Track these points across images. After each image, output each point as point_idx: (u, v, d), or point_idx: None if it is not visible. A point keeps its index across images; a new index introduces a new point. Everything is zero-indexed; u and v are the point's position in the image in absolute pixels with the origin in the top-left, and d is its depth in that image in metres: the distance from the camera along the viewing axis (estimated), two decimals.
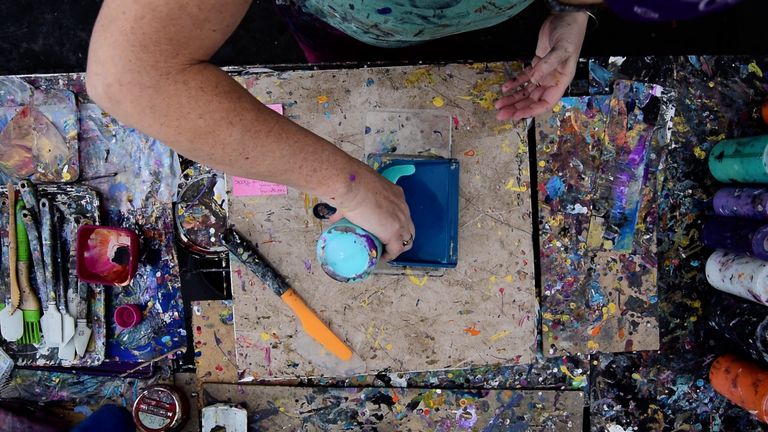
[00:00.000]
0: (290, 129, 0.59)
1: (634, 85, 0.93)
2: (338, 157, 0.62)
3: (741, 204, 0.86)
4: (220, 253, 0.93)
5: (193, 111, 0.52)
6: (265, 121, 0.56)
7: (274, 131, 0.57)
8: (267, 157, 0.57)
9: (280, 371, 0.91)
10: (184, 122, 0.52)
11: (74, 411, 0.93)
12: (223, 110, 0.53)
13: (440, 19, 0.65)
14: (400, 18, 0.66)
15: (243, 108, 0.54)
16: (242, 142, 0.55)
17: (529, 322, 0.92)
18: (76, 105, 0.91)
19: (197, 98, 0.52)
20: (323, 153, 0.61)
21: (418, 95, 0.91)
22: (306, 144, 0.59)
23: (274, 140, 0.57)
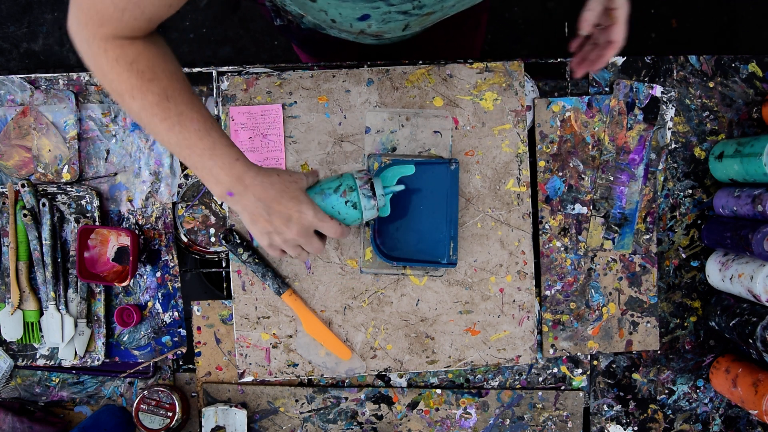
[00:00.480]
0: (189, 127, 0.63)
1: (634, 85, 0.93)
2: (222, 172, 0.65)
3: (741, 204, 0.86)
4: (220, 253, 0.93)
5: (107, 75, 0.62)
6: (165, 108, 0.62)
7: (169, 121, 0.63)
8: (157, 137, 0.65)
9: (280, 371, 0.91)
10: (103, 78, 0.62)
11: (74, 411, 0.93)
12: (129, 85, 0.61)
13: (421, 9, 0.65)
14: (381, 19, 0.67)
15: (148, 90, 0.61)
16: (139, 116, 0.63)
17: (529, 322, 0.92)
18: (76, 105, 0.91)
19: (112, 67, 0.61)
20: (209, 161, 0.65)
21: (418, 95, 0.91)
22: (196, 146, 0.64)
23: (166, 128, 0.63)
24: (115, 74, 0.61)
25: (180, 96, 0.63)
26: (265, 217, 0.68)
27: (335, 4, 0.64)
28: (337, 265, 0.91)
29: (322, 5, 0.66)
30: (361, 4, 0.63)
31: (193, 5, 1.84)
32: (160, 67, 0.62)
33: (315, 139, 0.90)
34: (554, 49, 1.80)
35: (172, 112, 0.63)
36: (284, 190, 0.68)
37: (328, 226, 0.70)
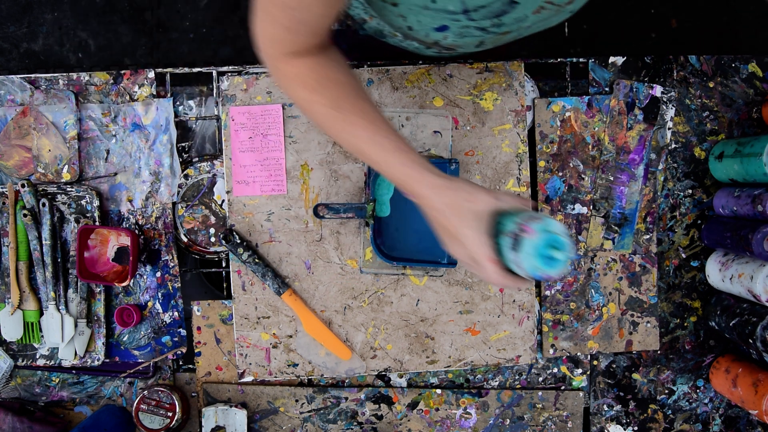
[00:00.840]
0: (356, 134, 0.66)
1: (634, 85, 0.93)
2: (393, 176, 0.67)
3: (741, 204, 0.86)
4: (220, 253, 0.93)
5: (287, 90, 0.68)
6: (333, 118, 0.66)
7: (336, 128, 0.67)
8: (336, 139, 0.69)
9: (280, 371, 0.91)
10: (282, 91, 0.72)
11: (74, 411, 0.93)
12: (300, 98, 0.67)
13: (499, 27, 0.66)
14: (458, 33, 0.67)
15: (317, 102, 0.66)
16: (314, 122, 0.71)
17: (529, 322, 0.92)
18: (76, 105, 0.91)
19: (284, 82, 0.67)
20: (378, 167, 0.67)
21: (418, 95, 0.91)
22: (364, 152, 0.67)
23: (335, 135, 0.68)
24: (288, 89, 0.68)
25: (349, 105, 0.66)
26: (434, 226, 0.67)
27: (416, 11, 0.65)
28: (337, 265, 0.91)
29: (402, 10, 0.66)
30: (442, 15, 0.64)
31: (193, 5, 1.84)
32: (329, 78, 0.66)
33: (315, 139, 0.90)
34: (554, 49, 1.80)
35: (339, 120, 0.66)
36: (451, 207, 0.63)
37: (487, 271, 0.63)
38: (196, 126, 0.94)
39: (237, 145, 0.89)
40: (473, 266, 0.65)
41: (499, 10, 0.62)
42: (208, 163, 0.92)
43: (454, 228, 0.63)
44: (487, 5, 0.61)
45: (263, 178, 0.90)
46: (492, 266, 0.62)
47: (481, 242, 0.62)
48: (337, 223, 0.90)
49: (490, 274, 0.62)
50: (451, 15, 0.63)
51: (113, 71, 0.92)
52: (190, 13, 1.85)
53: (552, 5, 0.64)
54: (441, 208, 0.63)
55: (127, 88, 0.92)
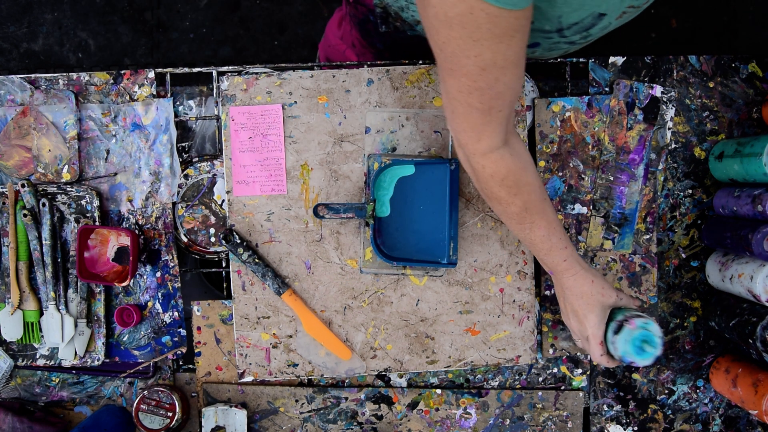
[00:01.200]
0: (535, 233, 0.75)
1: (634, 85, 0.93)
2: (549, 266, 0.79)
3: (741, 204, 0.86)
4: (220, 253, 0.93)
5: (485, 188, 0.73)
6: (522, 218, 0.74)
7: (522, 226, 0.75)
8: (518, 235, 0.77)
9: (280, 371, 0.91)
10: (481, 188, 0.74)
11: (74, 411, 0.93)
12: (499, 197, 0.72)
13: (586, 39, 0.69)
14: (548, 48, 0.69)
15: (512, 202, 0.72)
16: (501, 216, 0.77)
17: (529, 322, 0.92)
18: (76, 105, 0.91)
19: (487, 181, 0.71)
20: (544, 257, 0.78)
21: (418, 95, 0.91)
22: (537, 246, 0.76)
23: (518, 230, 0.76)
24: (489, 187, 0.72)
25: (535, 207, 0.73)
26: (562, 306, 0.82)
27: None
28: (337, 265, 0.91)
29: None
30: (536, 34, 0.66)
31: (193, 5, 1.84)
32: (524, 181, 0.71)
33: (315, 139, 0.90)
34: None
35: (526, 221, 0.74)
36: (586, 296, 0.77)
37: (593, 349, 0.78)
38: (196, 126, 0.94)
39: (237, 145, 0.89)
40: (582, 340, 0.80)
41: (589, 24, 0.65)
42: (208, 163, 0.92)
43: (582, 311, 0.77)
44: (579, 21, 0.64)
45: (263, 178, 0.90)
46: (599, 348, 0.77)
47: (598, 327, 0.77)
48: (337, 223, 0.90)
49: (595, 352, 0.78)
50: (545, 33, 0.66)
51: (113, 71, 0.92)
52: (190, 13, 1.85)
53: (633, 8, 0.66)
54: (577, 294, 0.77)
55: (127, 88, 0.92)
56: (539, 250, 0.77)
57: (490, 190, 0.72)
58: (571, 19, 0.63)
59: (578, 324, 0.79)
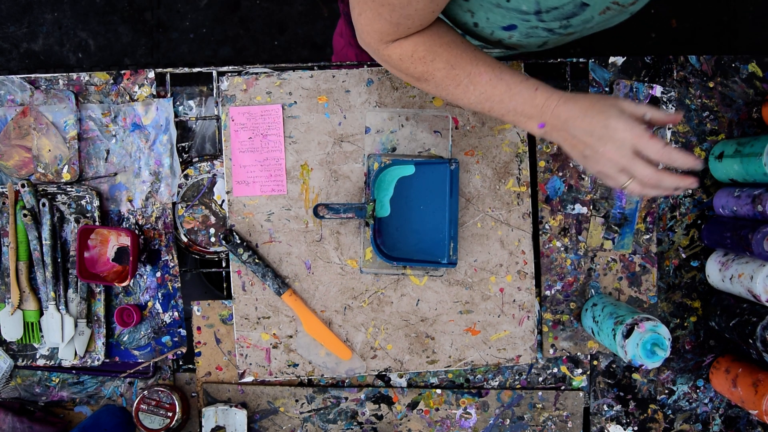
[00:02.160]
0: (479, 81, 0.67)
1: (634, 85, 0.93)
2: (526, 106, 0.67)
3: (741, 204, 0.86)
4: (220, 253, 0.93)
5: (401, 71, 0.70)
6: (454, 77, 0.67)
7: (462, 85, 0.68)
8: (460, 101, 0.70)
9: (281, 371, 0.91)
10: (400, 74, 0.70)
11: (74, 411, 0.93)
12: (418, 72, 0.68)
13: (566, 29, 0.67)
14: (525, 33, 0.68)
15: (435, 69, 0.67)
16: (437, 90, 0.70)
17: (529, 322, 0.92)
18: (76, 105, 0.91)
19: (399, 65, 0.69)
20: (510, 104, 0.67)
21: (418, 95, 0.91)
22: (493, 95, 0.67)
23: (462, 92, 0.68)
24: (404, 68, 0.69)
25: (463, 59, 0.67)
26: (572, 138, 0.65)
27: (487, 8, 0.66)
28: (337, 265, 0.91)
29: (472, 6, 0.68)
30: (513, 14, 0.65)
31: (193, 5, 1.84)
32: (437, 44, 0.67)
33: (315, 139, 0.90)
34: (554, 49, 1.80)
35: (461, 77, 0.67)
36: (590, 106, 0.63)
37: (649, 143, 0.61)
38: (196, 126, 0.94)
39: (237, 145, 0.89)
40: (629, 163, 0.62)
41: (570, 12, 0.63)
42: (208, 163, 0.92)
43: (600, 126, 0.62)
44: (559, 6, 0.62)
45: (263, 179, 0.90)
46: (655, 140, 0.61)
47: (631, 124, 0.61)
48: (337, 223, 0.90)
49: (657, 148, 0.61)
50: (522, 15, 0.65)
51: (113, 71, 0.92)
52: (190, 13, 1.85)
53: (617, 5, 0.65)
54: (580, 114, 0.63)
55: (127, 88, 0.92)
56: (500, 99, 0.67)
57: (408, 70, 0.69)
58: (550, 2, 0.62)
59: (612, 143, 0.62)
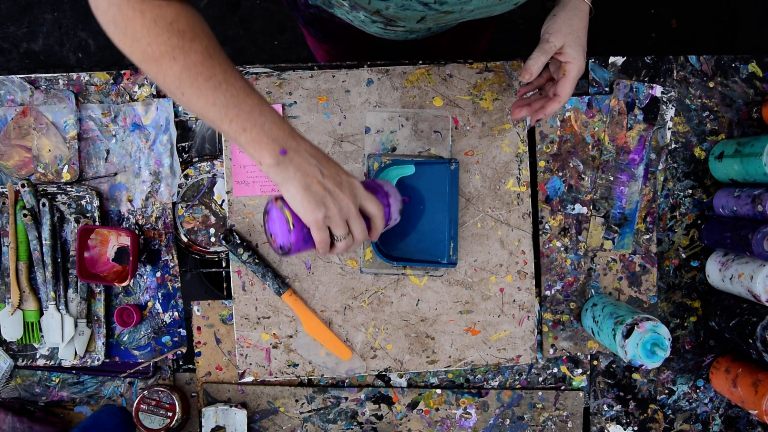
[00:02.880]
0: (235, 84, 0.60)
1: (634, 85, 0.93)
2: (275, 127, 0.62)
3: (741, 204, 0.86)
4: (220, 253, 0.93)
5: (143, 38, 0.58)
6: (210, 67, 0.59)
7: (215, 79, 0.59)
8: (200, 100, 0.60)
9: (281, 371, 0.91)
10: (135, 44, 0.58)
11: (74, 411, 0.93)
12: (170, 45, 0.58)
13: (441, 5, 0.64)
14: (400, 5, 0.65)
15: (191, 49, 0.59)
16: (180, 78, 0.59)
17: (529, 322, 0.92)
18: (76, 105, 0.91)
19: (149, 28, 0.57)
20: (260, 117, 0.61)
21: (417, 95, 0.91)
22: (245, 103, 0.61)
23: (212, 87, 0.59)
24: (153, 36, 0.58)
25: (221, 55, 0.61)
26: (319, 177, 0.63)
27: None
28: (337, 265, 0.91)
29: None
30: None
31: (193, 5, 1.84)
32: (199, 26, 0.60)
33: (315, 139, 0.90)
34: None
35: (217, 69, 0.60)
36: (328, 156, 0.65)
37: (372, 205, 0.66)
38: (196, 126, 0.94)
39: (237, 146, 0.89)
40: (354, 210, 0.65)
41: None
42: (208, 163, 0.92)
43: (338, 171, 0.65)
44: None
45: (263, 179, 0.90)
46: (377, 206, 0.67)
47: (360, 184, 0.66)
48: None
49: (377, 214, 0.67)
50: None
51: (113, 71, 0.92)
52: None
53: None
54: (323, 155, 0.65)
55: (127, 88, 0.92)
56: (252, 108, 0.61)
57: (157, 40, 0.58)
58: None
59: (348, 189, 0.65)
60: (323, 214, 0.64)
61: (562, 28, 0.73)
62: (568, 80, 0.74)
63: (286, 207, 0.66)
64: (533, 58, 0.72)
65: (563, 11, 0.74)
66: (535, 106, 0.79)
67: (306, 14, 0.90)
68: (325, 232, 0.66)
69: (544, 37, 0.73)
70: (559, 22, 0.74)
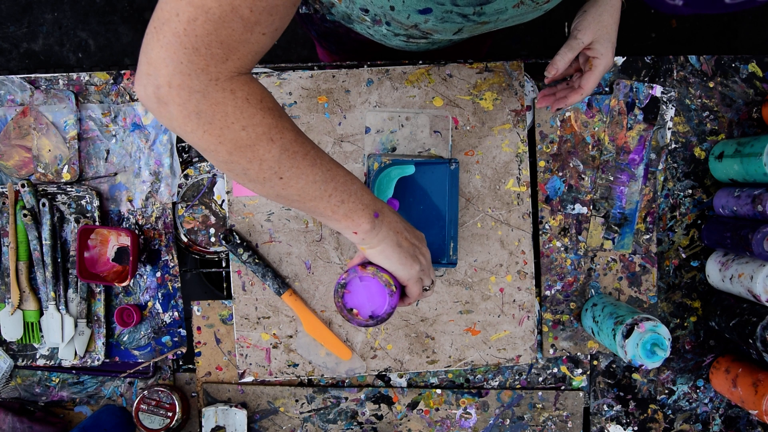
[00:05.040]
0: (324, 156, 0.59)
1: (634, 85, 0.93)
2: (365, 192, 0.62)
3: (741, 204, 0.86)
4: (220, 253, 0.93)
5: (237, 121, 0.52)
6: (303, 143, 0.56)
7: (311, 155, 0.57)
8: (300, 180, 0.57)
9: (281, 371, 0.91)
10: (226, 132, 0.52)
11: (74, 411, 0.93)
12: (266, 125, 0.53)
13: (479, 16, 0.65)
14: (440, 17, 0.66)
15: (284, 127, 0.55)
16: (279, 160, 0.55)
17: (529, 322, 0.92)
18: (76, 105, 0.91)
19: (242, 109, 0.52)
20: (352, 186, 0.61)
21: (418, 95, 0.91)
22: (338, 174, 0.60)
23: (310, 164, 0.57)
24: (247, 116, 0.52)
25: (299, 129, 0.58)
26: (405, 233, 0.66)
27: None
28: (337, 265, 0.91)
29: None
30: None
31: None
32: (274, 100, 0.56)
33: (315, 139, 0.90)
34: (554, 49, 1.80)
35: (308, 145, 0.57)
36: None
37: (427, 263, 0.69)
38: None
39: None
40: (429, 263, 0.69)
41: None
42: (208, 163, 0.92)
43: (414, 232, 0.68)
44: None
45: None
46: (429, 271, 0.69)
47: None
48: None
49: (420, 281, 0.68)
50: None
51: (113, 71, 0.92)
52: None
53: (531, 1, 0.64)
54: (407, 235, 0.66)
55: (127, 88, 0.92)
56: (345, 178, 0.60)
57: (252, 121, 0.52)
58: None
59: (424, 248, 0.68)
60: (419, 267, 0.65)
61: (591, 24, 0.75)
62: (593, 74, 0.76)
63: (382, 270, 0.66)
64: (560, 54, 0.75)
65: (593, 7, 0.76)
66: (559, 95, 0.82)
67: (321, 28, 0.90)
68: (420, 285, 0.67)
69: (573, 33, 0.75)
70: (588, 18, 0.75)
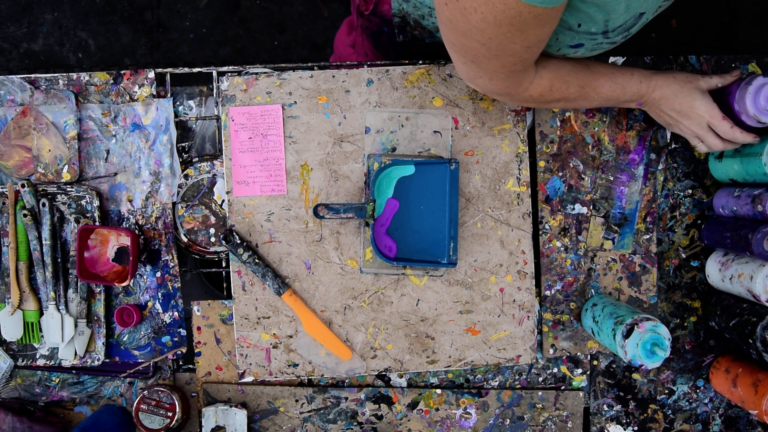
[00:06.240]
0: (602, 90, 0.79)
1: None
2: (633, 96, 0.80)
3: (741, 204, 0.86)
4: (220, 253, 0.93)
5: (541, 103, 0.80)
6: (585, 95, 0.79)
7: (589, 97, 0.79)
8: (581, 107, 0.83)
9: (281, 371, 0.91)
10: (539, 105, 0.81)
11: (74, 411, 0.93)
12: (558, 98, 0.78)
13: (626, 37, 0.71)
14: (590, 48, 0.72)
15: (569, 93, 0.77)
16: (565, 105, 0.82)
17: (529, 322, 0.92)
18: (76, 105, 0.91)
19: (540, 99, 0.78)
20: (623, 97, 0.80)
21: (418, 95, 0.91)
22: (612, 96, 0.79)
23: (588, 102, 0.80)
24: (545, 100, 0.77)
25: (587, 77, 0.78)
26: (661, 113, 0.83)
27: (558, 30, 0.69)
28: (337, 265, 0.91)
29: None
30: (582, 35, 0.68)
31: (193, 5, 1.84)
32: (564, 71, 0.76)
33: (315, 139, 0.90)
34: None
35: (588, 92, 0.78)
36: (679, 90, 0.80)
37: (720, 124, 0.79)
38: (196, 126, 0.95)
39: (237, 146, 0.89)
40: (703, 134, 0.82)
41: (630, 24, 0.67)
42: (208, 163, 0.92)
43: (686, 106, 0.80)
44: (623, 23, 0.66)
45: (263, 179, 0.90)
46: (726, 122, 0.79)
47: (710, 107, 0.80)
48: (337, 223, 0.90)
49: (725, 129, 0.79)
50: (591, 36, 0.68)
51: (113, 71, 0.92)
52: (190, 13, 1.85)
53: (667, 1, 0.69)
54: (671, 96, 0.80)
55: (127, 88, 0.92)
56: (616, 98, 0.80)
57: (546, 101, 0.77)
58: (617, 22, 0.66)
59: (691, 120, 0.81)
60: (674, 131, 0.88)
61: None
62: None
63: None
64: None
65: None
66: None
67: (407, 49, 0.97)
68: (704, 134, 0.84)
69: None
70: None
